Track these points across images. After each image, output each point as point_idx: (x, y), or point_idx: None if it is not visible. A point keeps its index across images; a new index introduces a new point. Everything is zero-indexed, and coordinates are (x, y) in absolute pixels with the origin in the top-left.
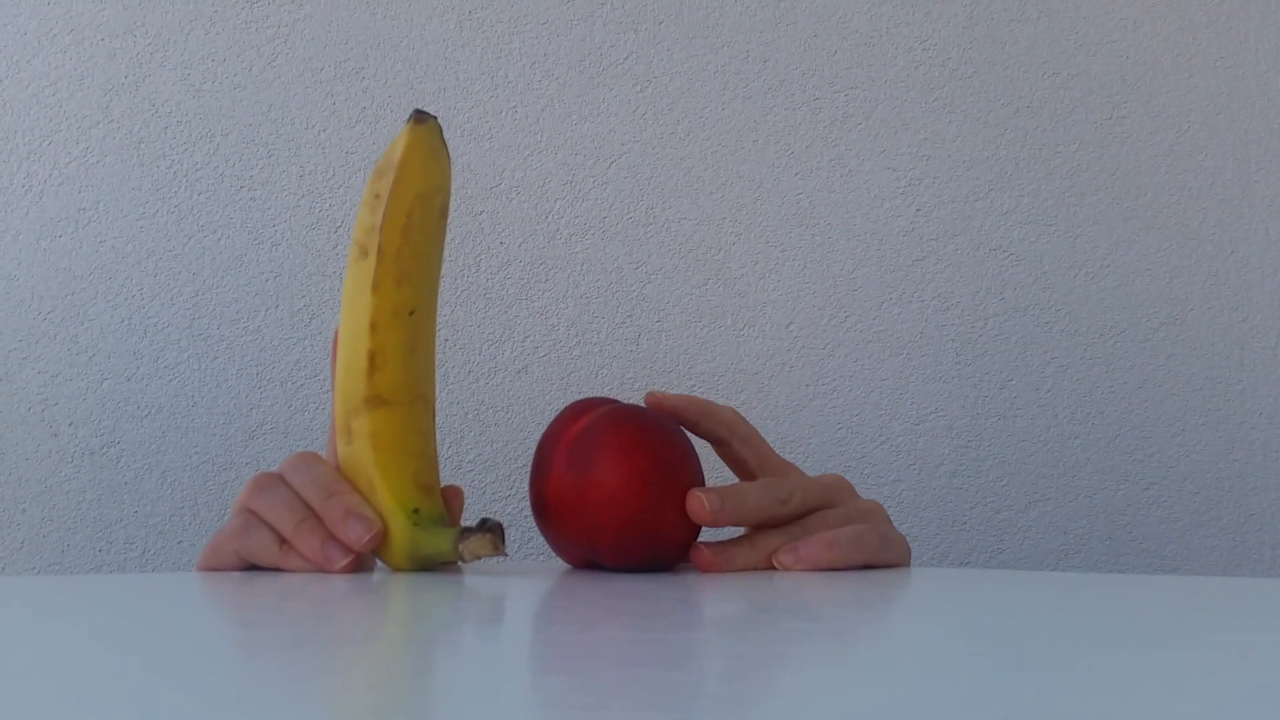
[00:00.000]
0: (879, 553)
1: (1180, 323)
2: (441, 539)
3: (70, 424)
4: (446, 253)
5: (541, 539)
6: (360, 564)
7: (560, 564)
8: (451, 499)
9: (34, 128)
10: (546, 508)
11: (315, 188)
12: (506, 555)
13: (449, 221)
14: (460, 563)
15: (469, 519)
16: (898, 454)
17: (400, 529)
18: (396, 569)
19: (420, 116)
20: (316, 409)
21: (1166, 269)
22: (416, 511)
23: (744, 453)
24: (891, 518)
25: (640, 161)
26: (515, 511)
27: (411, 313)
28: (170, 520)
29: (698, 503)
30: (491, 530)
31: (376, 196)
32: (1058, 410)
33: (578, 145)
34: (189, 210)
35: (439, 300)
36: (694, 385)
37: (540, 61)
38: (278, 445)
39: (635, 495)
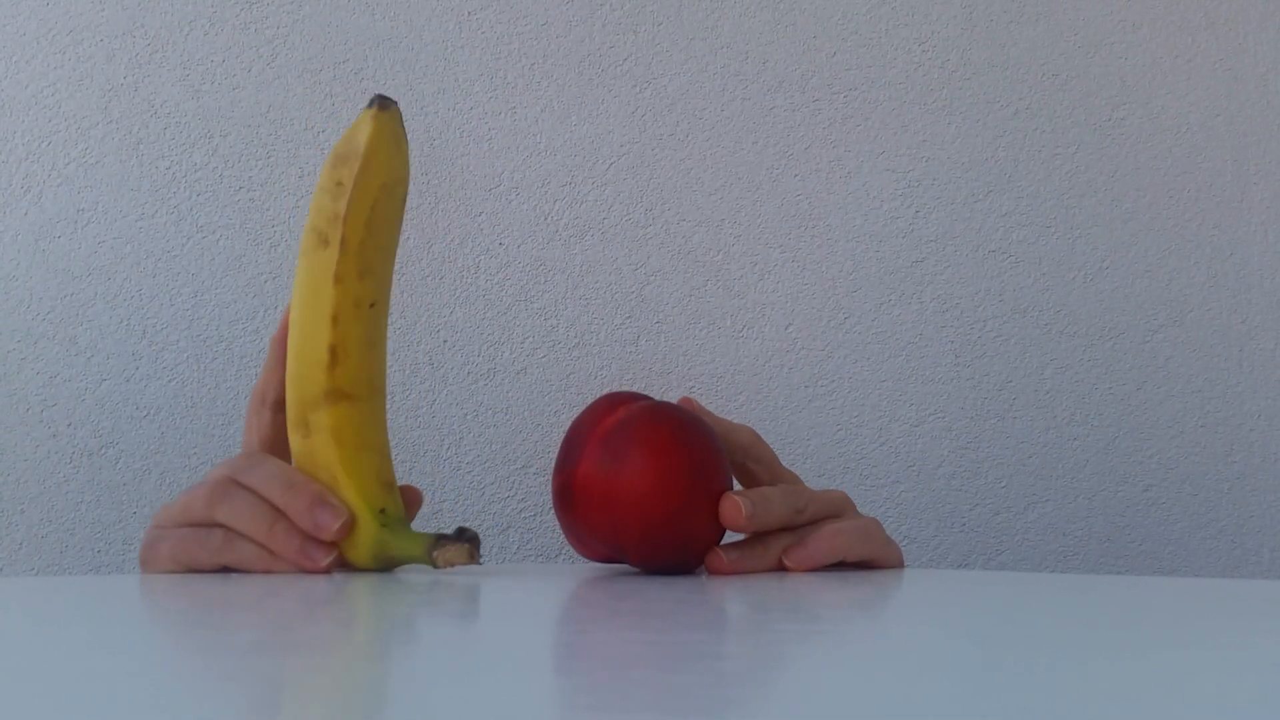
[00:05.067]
0: (883, 547)
1: (1179, 324)
2: (414, 544)
3: (69, 425)
4: (446, 253)
5: (541, 541)
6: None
7: (558, 565)
8: (411, 500)
9: (33, 128)
10: (573, 499)
11: (314, 188)
12: (480, 564)
13: (450, 220)
14: (433, 569)
15: (470, 520)
16: (897, 455)
17: (366, 529)
18: (360, 567)
19: (384, 103)
20: None
21: (1165, 270)
22: (383, 511)
23: (758, 470)
24: (891, 519)
25: (639, 163)
26: (514, 513)
27: (371, 305)
28: None
29: (734, 506)
30: (469, 541)
31: (339, 184)
32: (1057, 412)
33: (577, 146)
34: (188, 211)
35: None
36: (693, 386)
37: (540, 63)
38: None
39: (668, 494)
